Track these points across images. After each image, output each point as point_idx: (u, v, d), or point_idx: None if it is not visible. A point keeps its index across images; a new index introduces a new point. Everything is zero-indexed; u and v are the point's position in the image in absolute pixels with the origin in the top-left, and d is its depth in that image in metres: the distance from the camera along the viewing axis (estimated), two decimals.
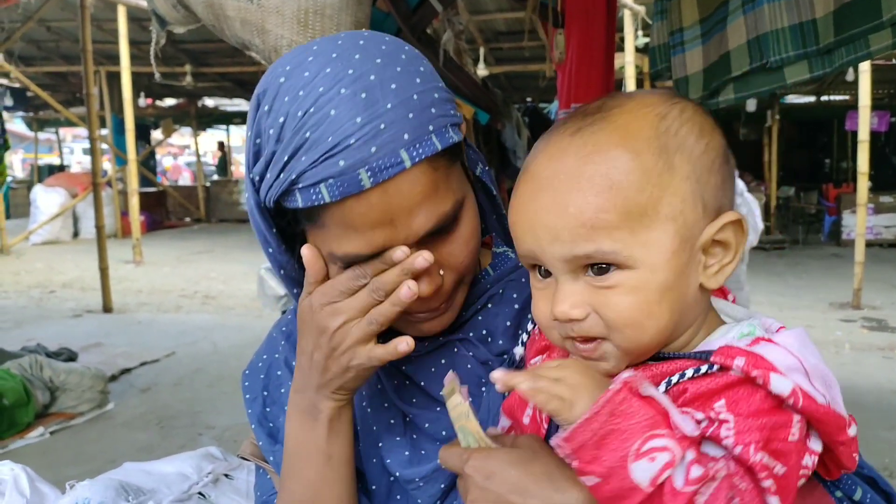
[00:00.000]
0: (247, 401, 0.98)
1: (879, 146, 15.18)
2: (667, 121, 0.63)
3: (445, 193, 0.76)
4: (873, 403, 4.78)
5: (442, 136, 0.74)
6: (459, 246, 0.80)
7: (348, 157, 0.70)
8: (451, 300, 0.83)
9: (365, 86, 0.71)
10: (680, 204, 0.61)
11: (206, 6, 1.91)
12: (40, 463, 3.90)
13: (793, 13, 1.96)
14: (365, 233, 0.74)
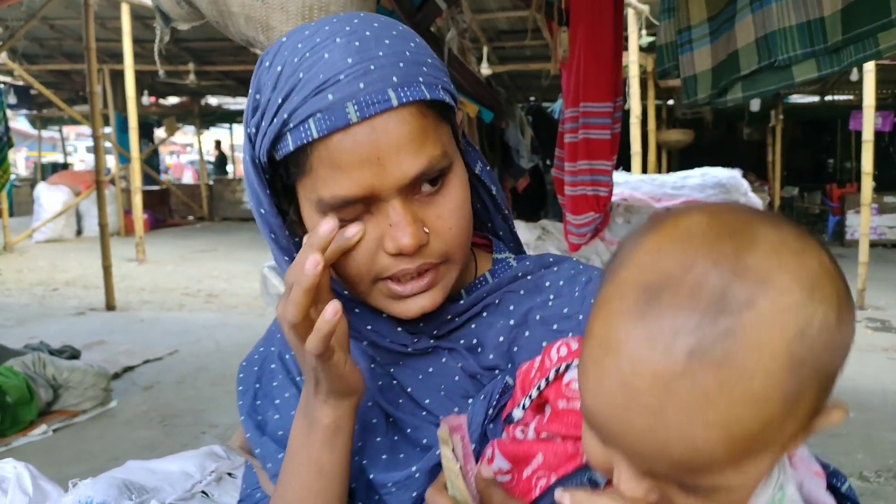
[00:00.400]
0: (239, 392, 0.95)
1: (883, 146, 15.14)
2: (806, 339, 0.49)
3: (435, 142, 0.75)
4: (878, 404, 4.77)
5: (432, 90, 0.75)
6: (448, 210, 0.78)
7: (337, 91, 0.71)
8: (438, 275, 0.80)
9: (360, 37, 0.74)
10: (797, 427, 0.52)
11: (211, 3, 1.90)
12: (43, 461, 3.90)
13: (800, 11, 1.95)
14: (352, 172, 0.73)
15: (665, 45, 2.69)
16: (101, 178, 7.90)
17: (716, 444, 0.48)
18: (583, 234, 2.84)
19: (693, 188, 5.18)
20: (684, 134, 13.46)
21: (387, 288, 0.79)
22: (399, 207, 0.75)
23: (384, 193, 0.74)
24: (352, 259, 0.77)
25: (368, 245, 0.77)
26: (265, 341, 1.00)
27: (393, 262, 0.77)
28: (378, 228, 0.76)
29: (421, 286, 0.79)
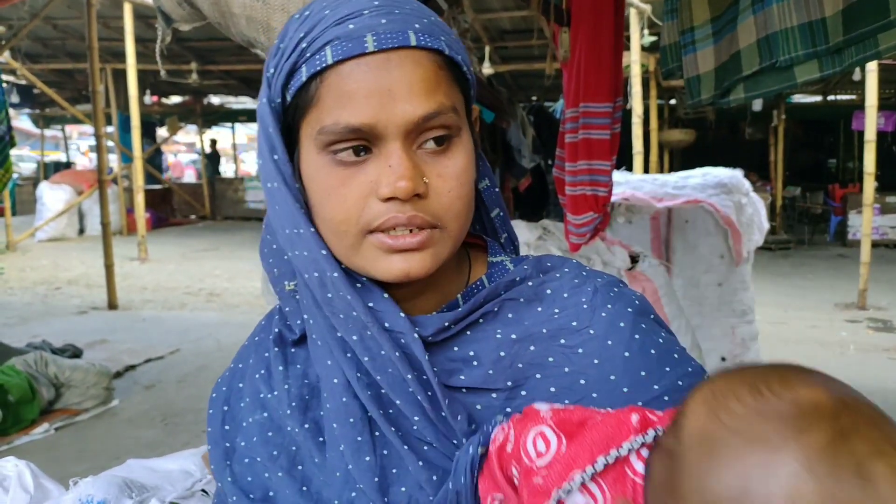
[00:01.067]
0: (209, 417, 0.89)
1: (886, 146, 15.12)
2: None
3: (447, 94, 0.74)
4: (878, 404, 4.76)
5: (452, 51, 0.75)
6: (450, 171, 0.75)
7: (358, 23, 0.71)
8: (430, 239, 0.74)
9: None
10: None
11: (212, 4, 1.90)
12: (45, 459, 3.91)
13: (801, 12, 1.95)
14: (361, 99, 0.71)
15: (669, 45, 2.69)
16: (103, 178, 7.91)
17: None
18: (583, 234, 2.85)
19: (694, 188, 5.17)
20: (686, 134, 13.45)
21: (377, 240, 0.74)
22: (400, 150, 0.72)
23: (388, 130, 0.71)
24: (342, 200, 0.73)
25: (361, 187, 0.73)
26: (238, 357, 0.95)
27: (385, 208, 0.72)
28: (375, 172, 0.73)
29: (414, 241, 0.73)
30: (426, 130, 0.73)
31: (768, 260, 10.98)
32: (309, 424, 0.82)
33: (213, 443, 0.88)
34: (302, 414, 0.83)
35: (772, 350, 5.76)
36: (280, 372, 0.86)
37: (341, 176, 0.73)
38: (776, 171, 13.92)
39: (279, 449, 0.83)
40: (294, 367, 0.87)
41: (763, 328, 5.84)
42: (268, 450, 0.83)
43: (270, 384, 0.87)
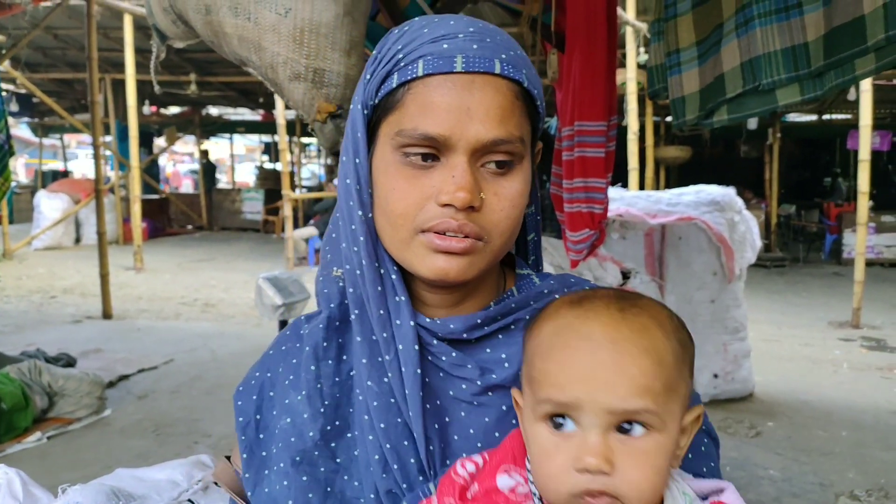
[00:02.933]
0: (239, 425, 0.93)
1: (882, 166, 15.20)
2: (675, 321, 0.75)
3: (518, 125, 0.81)
4: (871, 423, 4.78)
5: (532, 85, 0.83)
6: (506, 192, 0.81)
7: (452, 44, 0.79)
8: (474, 247, 0.81)
9: (483, 23, 0.84)
10: (685, 388, 0.73)
11: (205, 23, 1.93)
12: (37, 468, 3.91)
13: (785, 37, 1.99)
14: (441, 112, 0.78)
15: (655, 66, 2.75)
16: (100, 187, 7.93)
17: (653, 367, 0.68)
18: (580, 251, 2.87)
19: (688, 205, 5.20)
20: (682, 151, 13.52)
21: (427, 239, 0.80)
22: (465, 164, 0.78)
23: (459, 144, 0.78)
24: (404, 197, 0.80)
25: (424, 190, 0.80)
26: (261, 365, 0.98)
27: (440, 212, 0.79)
28: (439, 179, 0.79)
29: (459, 246, 0.79)
30: (492, 153, 0.80)
31: (763, 277, 11.02)
32: (340, 422, 0.88)
33: (248, 451, 0.92)
34: (333, 411, 0.88)
35: (764, 367, 5.78)
36: (312, 372, 0.90)
37: (408, 176, 0.81)
38: (771, 188, 13.98)
39: (301, 455, 0.87)
40: (325, 363, 0.91)
41: (756, 345, 5.86)
42: (290, 455, 0.87)
43: (298, 386, 0.91)
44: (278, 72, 1.86)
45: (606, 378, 0.68)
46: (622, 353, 0.69)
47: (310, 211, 14.73)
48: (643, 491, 0.68)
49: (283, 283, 3.67)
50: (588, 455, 0.67)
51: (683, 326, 0.76)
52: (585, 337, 0.70)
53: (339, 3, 1.83)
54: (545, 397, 0.71)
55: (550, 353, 0.72)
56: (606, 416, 0.68)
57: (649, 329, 0.71)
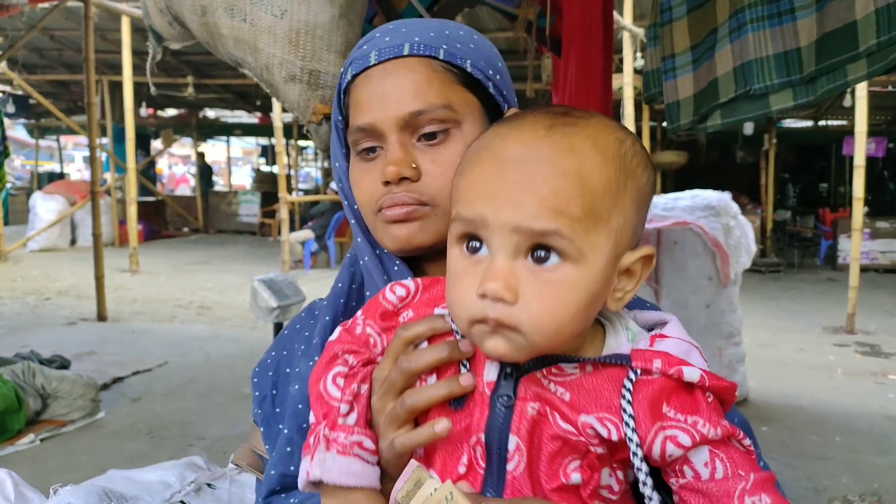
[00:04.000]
0: (255, 399, 0.98)
1: (877, 172, 15.25)
2: (625, 146, 0.68)
3: (440, 93, 0.86)
4: (864, 429, 4.79)
5: (452, 56, 0.88)
6: (443, 157, 0.87)
7: (370, 44, 0.90)
8: (420, 213, 0.87)
9: (424, 20, 0.93)
10: (623, 222, 0.66)
11: (201, 24, 1.94)
12: (30, 470, 3.89)
13: (777, 42, 2.01)
14: (365, 105, 0.87)
15: (651, 71, 2.76)
16: (96, 189, 7.92)
17: (570, 189, 0.62)
18: None
19: (683, 210, 5.21)
20: (678, 156, 13.53)
21: (382, 216, 0.88)
22: (395, 142, 0.86)
23: (385, 126, 0.86)
24: (362, 188, 0.90)
25: (374, 176, 0.88)
26: (277, 345, 1.03)
27: (384, 190, 0.87)
28: (381, 163, 0.88)
29: (401, 212, 0.86)
30: (420, 126, 0.87)
31: (758, 282, 11.04)
32: None
33: (265, 424, 0.96)
34: None
35: (758, 372, 5.78)
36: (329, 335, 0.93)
37: (363, 168, 0.91)
38: (767, 194, 14.01)
39: (307, 422, 0.87)
40: None
41: (751, 350, 5.87)
42: (297, 422, 0.90)
43: (309, 353, 0.95)
44: (274, 73, 1.87)
45: (514, 195, 0.63)
46: (534, 172, 0.63)
47: (306, 214, 14.73)
48: (543, 325, 0.62)
49: (279, 286, 3.67)
50: (489, 279, 0.63)
51: (638, 152, 0.69)
52: (499, 154, 0.66)
53: (335, 5, 1.84)
54: (455, 214, 0.68)
55: (464, 170, 0.69)
56: (513, 237, 0.63)
57: (577, 149, 0.64)
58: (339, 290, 0.98)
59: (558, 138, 0.65)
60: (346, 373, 0.75)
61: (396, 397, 0.72)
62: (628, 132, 0.71)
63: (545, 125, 0.67)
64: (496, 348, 0.65)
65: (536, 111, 0.70)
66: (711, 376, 0.67)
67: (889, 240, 12.21)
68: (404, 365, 0.72)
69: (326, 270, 11.60)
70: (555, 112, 0.69)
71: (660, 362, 0.66)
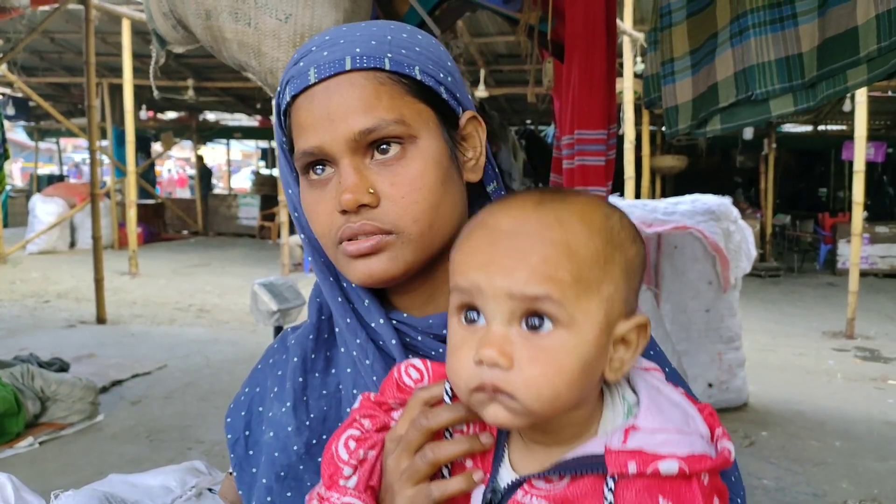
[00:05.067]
0: (229, 442, 0.92)
1: (876, 177, 15.27)
2: (611, 220, 0.70)
3: (389, 108, 0.79)
4: (864, 434, 4.79)
5: (398, 64, 0.80)
6: (403, 178, 0.80)
7: (307, 60, 0.81)
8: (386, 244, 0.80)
9: (356, 25, 0.85)
10: (614, 291, 0.67)
11: (205, 28, 1.94)
12: (29, 473, 3.88)
13: (779, 47, 2.01)
14: (309, 127, 0.80)
15: (651, 75, 2.77)
16: (95, 191, 7.92)
17: (559, 257, 0.64)
18: None
19: (683, 214, 5.22)
20: (678, 160, 13.55)
21: (344, 249, 0.81)
22: (348, 165, 0.79)
23: (335, 149, 0.79)
24: (318, 216, 0.82)
25: (328, 203, 0.81)
26: (250, 381, 0.97)
27: (341, 220, 0.80)
28: (334, 188, 0.81)
29: (363, 248, 0.80)
30: (372, 143, 0.80)
31: (758, 287, 11.04)
32: (327, 435, 0.85)
33: (238, 469, 0.91)
34: (320, 424, 0.87)
35: (758, 377, 5.78)
36: (299, 383, 0.90)
37: (315, 196, 0.83)
38: (767, 198, 14.03)
39: (286, 469, 0.86)
40: (313, 375, 0.90)
41: (751, 355, 5.87)
42: (275, 471, 0.86)
43: (283, 398, 0.90)
44: (278, 77, 1.86)
45: (506, 263, 0.65)
46: (524, 242, 0.65)
47: None
48: (539, 390, 0.63)
49: (279, 289, 3.66)
50: (485, 346, 0.64)
51: (625, 226, 0.71)
52: (491, 228, 0.68)
53: (340, 9, 1.84)
54: (452, 286, 0.69)
55: (460, 244, 0.70)
56: (507, 304, 0.64)
57: (564, 222, 0.67)
58: (308, 327, 0.93)
59: (546, 212, 0.67)
60: (358, 436, 0.76)
61: (413, 455, 0.71)
62: (616, 208, 0.72)
63: (534, 201, 0.69)
64: (496, 416, 0.65)
65: (529, 191, 0.72)
66: (695, 460, 0.64)
67: (888, 244, 12.21)
68: (422, 422, 0.71)
69: None
70: (544, 191, 0.71)
71: (634, 465, 0.64)
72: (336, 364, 0.91)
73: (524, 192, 0.72)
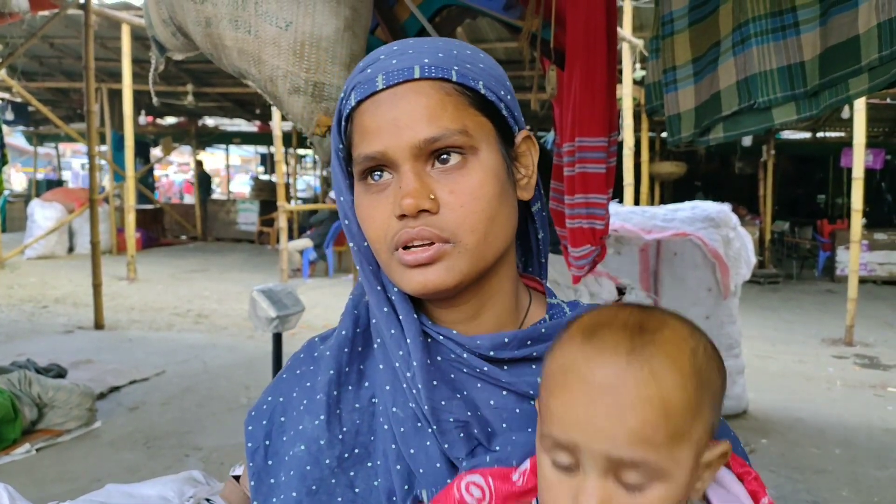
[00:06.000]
0: (248, 450, 0.91)
1: (875, 184, 15.28)
2: (698, 356, 0.71)
3: (454, 118, 0.80)
4: (864, 441, 4.78)
5: (464, 77, 0.82)
6: (462, 187, 0.80)
7: (375, 68, 0.83)
8: (442, 252, 0.80)
9: (425, 40, 0.87)
10: (702, 431, 0.70)
11: (205, 36, 1.93)
12: (25, 480, 3.87)
13: (781, 56, 2.01)
14: (374, 133, 0.81)
15: (653, 83, 2.76)
16: (94, 196, 7.91)
17: (656, 418, 0.65)
18: (581, 267, 2.87)
19: (683, 221, 5.22)
20: (677, 166, 13.56)
21: (399, 256, 0.81)
22: (409, 171, 0.79)
23: (398, 155, 0.79)
24: (373, 221, 0.82)
25: (385, 209, 0.81)
26: (274, 389, 0.96)
27: (399, 225, 0.80)
28: (393, 194, 0.81)
29: (421, 258, 0.79)
30: (435, 152, 0.80)
31: (757, 293, 11.03)
32: (359, 449, 0.86)
33: (256, 479, 0.89)
34: (353, 438, 0.86)
35: (757, 384, 5.77)
36: (333, 397, 0.89)
37: (372, 201, 0.83)
38: (765, 205, 14.03)
39: (317, 483, 0.85)
40: (346, 388, 0.89)
41: (750, 362, 5.86)
42: (306, 485, 0.85)
43: (314, 410, 0.89)
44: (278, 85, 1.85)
45: (604, 426, 0.66)
46: (621, 400, 0.67)
47: (305, 222, 14.73)
48: None
49: (278, 296, 3.65)
50: (585, 498, 0.67)
51: (710, 356, 0.72)
52: (588, 381, 0.69)
53: (340, 17, 1.83)
54: (548, 433, 0.71)
55: (555, 392, 0.71)
56: (605, 462, 0.67)
57: (658, 375, 0.67)
58: (342, 339, 0.92)
59: (640, 365, 0.68)
60: None
61: None
62: (700, 336, 0.73)
63: (627, 348, 0.69)
64: None
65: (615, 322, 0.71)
66: None
67: (887, 251, 12.22)
68: None
69: (325, 279, 11.58)
70: (633, 325, 0.71)
71: None
72: (369, 377, 0.90)
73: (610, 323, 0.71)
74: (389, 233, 0.81)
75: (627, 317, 0.72)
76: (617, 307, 0.75)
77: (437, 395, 0.82)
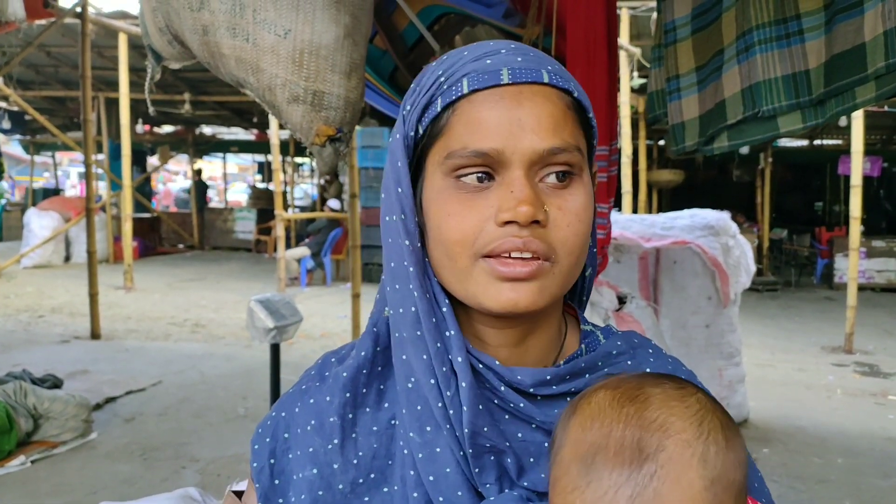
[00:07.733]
0: (253, 470, 0.87)
1: (872, 191, 15.30)
2: (708, 463, 0.65)
3: (574, 134, 0.77)
4: (866, 450, 4.75)
5: (582, 95, 0.79)
6: (570, 206, 0.75)
7: (495, 59, 0.76)
8: (542, 270, 0.74)
9: (520, 44, 0.81)
10: None
11: (202, 44, 1.91)
12: (20, 493, 3.83)
13: (786, 64, 1.99)
14: (491, 126, 0.74)
15: (655, 92, 2.74)
16: (91, 205, 7.88)
17: None
18: None
19: (682, 229, 5.19)
20: (675, 174, 13.57)
21: (489, 266, 0.74)
22: (523, 178, 0.73)
23: (514, 158, 0.73)
24: (460, 222, 0.75)
25: (481, 212, 0.74)
26: (278, 405, 0.92)
27: (501, 232, 0.73)
28: (496, 198, 0.74)
29: (525, 271, 0.73)
30: (549, 164, 0.75)
31: (756, 301, 11.02)
32: (375, 474, 0.82)
33: (264, 499, 0.85)
34: (369, 462, 0.82)
35: (758, 392, 5.75)
36: (349, 420, 0.84)
37: (462, 199, 0.75)
38: (763, 212, 14.04)
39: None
40: (363, 410, 0.85)
41: (750, 370, 5.84)
42: None
43: (326, 432, 0.84)
44: (276, 94, 1.82)
45: None
46: None
47: (302, 231, 14.71)
48: None
49: (275, 306, 3.62)
50: None
51: (722, 447, 0.66)
52: (606, 489, 0.64)
53: (340, 25, 1.80)
54: None
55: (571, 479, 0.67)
56: None
57: (665, 500, 0.63)
58: (362, 360, 0.85)
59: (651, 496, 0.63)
60: None
61: None
62: (707, 426, 0.67)
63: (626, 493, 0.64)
64: None
65: (609, 449, 0.66)
66: None
67: (885, 259, 12.23)
68: None
69: (322, 288, 11.55)
70: (630, 457, 0.65)
71: None
72: (389, 398, 0.85)
73: (605, 439, 0.66)
74: (482, 238, 0.74)
75: (622, 433, 0.66)
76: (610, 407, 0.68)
77: (479, 420, 0.76)
